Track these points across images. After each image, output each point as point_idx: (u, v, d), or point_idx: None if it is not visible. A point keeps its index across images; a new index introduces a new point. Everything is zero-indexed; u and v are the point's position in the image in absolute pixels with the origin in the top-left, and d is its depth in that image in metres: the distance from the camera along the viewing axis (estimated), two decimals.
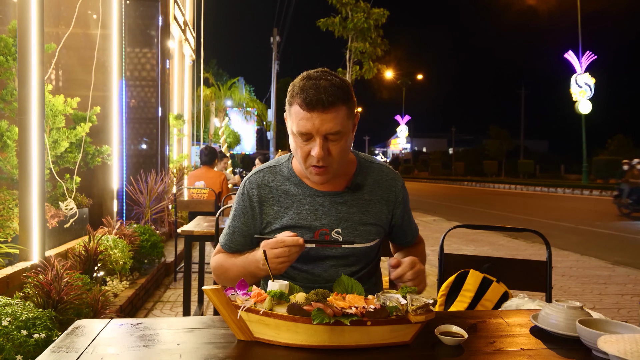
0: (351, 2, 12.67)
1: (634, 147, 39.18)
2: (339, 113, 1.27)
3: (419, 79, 52.75)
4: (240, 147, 27.31)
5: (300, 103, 1.26)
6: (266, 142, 38.36)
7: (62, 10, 5.17)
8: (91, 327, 1.13)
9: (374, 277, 1.57)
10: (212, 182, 5.36)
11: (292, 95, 1.29)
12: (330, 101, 1.25)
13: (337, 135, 1.29)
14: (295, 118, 1.29)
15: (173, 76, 8.86)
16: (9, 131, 3.34)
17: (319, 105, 1.24)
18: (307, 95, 1.25)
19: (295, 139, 1.32)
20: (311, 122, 1.26)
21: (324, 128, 1.26)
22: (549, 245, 1.90)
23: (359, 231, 1.42)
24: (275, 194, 1.44)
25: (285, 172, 1.46)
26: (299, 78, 1.31)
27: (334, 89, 1.26)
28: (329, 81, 1.27)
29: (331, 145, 1.30)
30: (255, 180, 1.46)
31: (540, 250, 6.95)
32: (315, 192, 1.42)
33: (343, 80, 1.30)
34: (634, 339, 0.95)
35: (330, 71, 1.33)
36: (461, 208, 15.33)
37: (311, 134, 1.27)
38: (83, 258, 3.23)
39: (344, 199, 1.43)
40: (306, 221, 1.40)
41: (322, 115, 1.25)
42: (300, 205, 1.41)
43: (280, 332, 1.03)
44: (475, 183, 34.86)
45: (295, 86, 1.29)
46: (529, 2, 56.65)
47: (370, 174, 1.49)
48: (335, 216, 1.41)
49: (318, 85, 1.25)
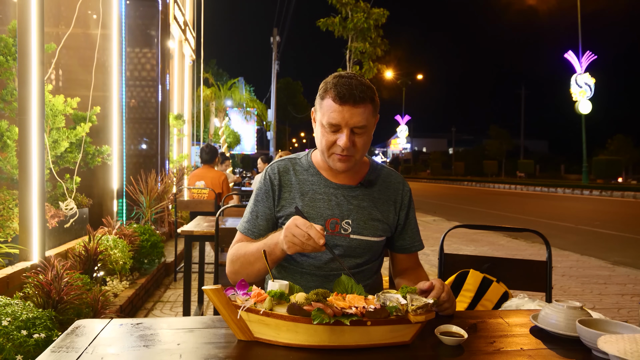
0: (351, 2, 12.66)
1: (634, 147, 39.22)
2: (366, 109, 1.39)
3: (419, 79, 52.74)
4: (240, 147, 27.29)
5: (334, 97, 1.38)
6: (266, 142, 38.39)
7: (62, 10, 5.17)
8: (91, 327, 1.13)
9: (376, 275, 1.60)
10: (213, 181, 5.35)
11: (325, 90, 1.41)
12: (361, 97, 1.37)
13: (363, 129, 1.40)
14: (326, 110, 1.40)
15: (173, 76, 8.86)
16: (9, 131, 3.34)
17: (351, 100, 1.36)
18: (340, 90, 1.36)
19: (324, 130, 1.42)
20: (342, 114, 1.37)
21: (353, 121, 1.38)
22: (549, 245, 1.90)
23: (367, 225, 1.50)
24: (293, 182, 1.54)
25: (304, 164, 1.58)
26: (331, 76, 1.43)
27: (364, 88, 1.38)
28: (360, 81, 1.40)
29: (356, 137, 1.41)
30: (277, 167, 1.57)
31: (540, 250, 6.95)
32: (331, 183, 1.53)
33: (370, 83, 1.44)
34: (634, 339, 0.95)
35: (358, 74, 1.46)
36: (461, 208, 15.33)
37: (340, 126, 1.39)
38: (83, 258, 3.23)
39: (356, 193, 1.53)
40: (319, 209, 1.49)
41: (352, 109, 1.37)
42: (315, 194, 1.51)
43: (280, 332, 1.03)
44: (475, 183, 34.87)
45: (328, 82, 1.41)
46: (529, 2, 56.67)
47: (380, 175, 1.60)
48: (347, 208, 1.50)
49: (350, 83, 1.37)
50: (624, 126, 73.59)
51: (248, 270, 1.44)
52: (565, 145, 78.17)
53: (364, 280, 1.50)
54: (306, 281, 1.47)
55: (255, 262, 1.41)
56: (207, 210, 4.73)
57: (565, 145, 78.17)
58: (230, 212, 4.20)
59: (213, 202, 4.80)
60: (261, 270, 1.42)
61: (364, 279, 1.51)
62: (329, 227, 1.47)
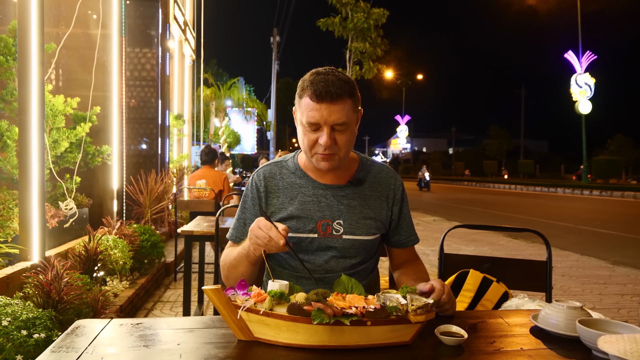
0: (351, 2, 12.66)
1: (633, 147, 39.21)
2: (345, 105, 1.35)
3: (419, 79, 52.67)
4: (240, 147, 27.29)
5: (310, 95, 1.34)
6: (266, 142, 38.36)
7: (62, 10, 5.17)
8: (91, 327, 1.13)
9: (372, 274, 1.58)
10: (214, 181, 5.36)
11: (302, 89, 1.38)
12: (338, 94, 1.33)
13: (343, 126, 1.37)
14: (305, 109, 1.37)
15: (173, 76, 8.86)
16: (9, 131, 3.34)
17: (328, 97, 1.33)
18: (316, 87, 1.33)
19: (304, 129, 1.39)
20: (320, 112, 1.34)
21: (332, 119, 1.34)
22: (549, 245, 1.90)
23: (359, 224, 1.47)
24: (280, 186, 1.51)
25: (291, 166, 1.55)
26: (309, 74, 1.40)
27: (341, 83, 1.35)
28: (337, 76, 1.36)
29: (337, 135, 1.38)
30: (262, 173, 1.55)
31: (540, 250, 6.95)
32: (319, 184, 1.49)
33: (349, 77, 1.40)
34: (634, 339, 0.95)
35: (336, 69, 1.42)
36: (461, 208, 15.33)
37: (319, 124, 1.35)
38: (83, 258, 3.23)
39: (346, 192, 1.49)
40: (309, 212, 1.46)
41: (330, 107, 1.34)
42: (304, 196, 1.48)
43: (280, 332, 1.03)
44: (475, 183, 34.86)
45: (305, 80, 1.38)
46: (529, 2, 56.66)
47: (370, 171, 1.56)
48: (337, 208, 1.47)
49: (327, 80, 1.34)
50: (624, 126, 73.60)
51: (234, 274, 1.44)
52: (565, 145, 78.20)
53: (360, 280, 1.48)
54: (302, 285, 1.45)
55: (238, 265, 1.42)
56: (207, 210, 4.73)
57: (565, 145, 78.20)
58: (231, 212, 4.20)
59: (213, 202, 4.80)
60: (245, 274, 1.42)
61: (360, 279, 1.48)
62: (321, 229, 1.45)
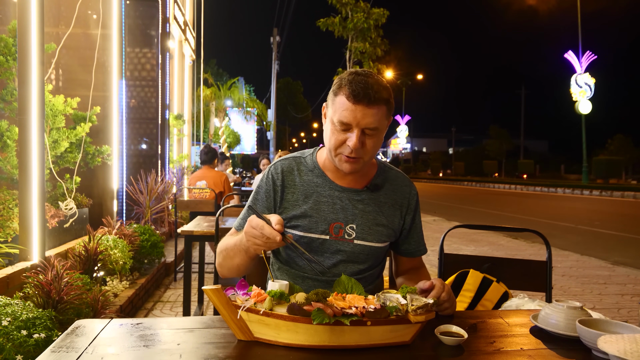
0: (351, 2, 12.68)
1: (633, 147, 39.20)
2: (380, 110, 1.33)
3: (419, 79, 52.62)
4: (240, 147, 27.29)
5: (348, 95, 1.31)
6: (266, 142, 38.36)
7: (62, 10, 5.17)
8: (91, 327, 1.12)
9: (378, 280, 1.57)
10: (214, 181, 5.37)
11: (339, 87, 1.34)
12: (376, 98, 1.31)
13: (374, 131, 1.35)
14: (338, 108, 1.34)
15: (173, 76, 8.86)
16: (9, 131, 3.34)
17: (365, 100, 1.30)
18: (354, 88, 1.30)
19: (334, 127, 1.36)
20: (354, 114, 1.31)
21: (365, 122, 1.32)
22: (549, 245, 1.90)
23: (372, 230, 1.45)
24: (297, 182, 1.48)
25: (309, 164, 1.51)
26: (347, 72, 1.37)
27: (379, 88, 1.32)
28: (376, 80, 1.34)
29: (367, 139, 1.35)
30: (280, 166, 1.51)
31: (540, 250, 6.95)
32: (336, 186, 1.47)
33: (387, 83, 1.38)
34: (634, 339, 0.95)
35: (375, 73, 1.40)
36: (461, 208, 15.33)
37: (351, 125, 1.33)
38: (83, 258, 3.23)
39: (362, 197, 1.47)
40: (323, 212, 1.44)
41: (365, 110, 1.31)
42: (319, 196, 1.46)
43: (280, 332, 1.03)
44: (475, 183, 34.86)
45: (343, 79, 1.35)
46: (529, 2, 56.67)
47: (388, 178, 1.54)
48: (352, 212, 1.45)
49: (366, 82, 1.31)
50: (624, 126, 73.57)
51: (229, 263, 1.40)
52: (565, 145, 78.20)
53: (365, 286, 1.47)
54: (307, 286, 1.44)
55: (234, 256, 1.37)
56: (207, 210, 4.73)
57: (565, 145, 78.20)
58: (231, 212, 4.20)
59: (213, 202, 4.80)
60: (241, 266, 1.38)
61: (366, 285, 1.47)
62: (333, 232, 1.43)
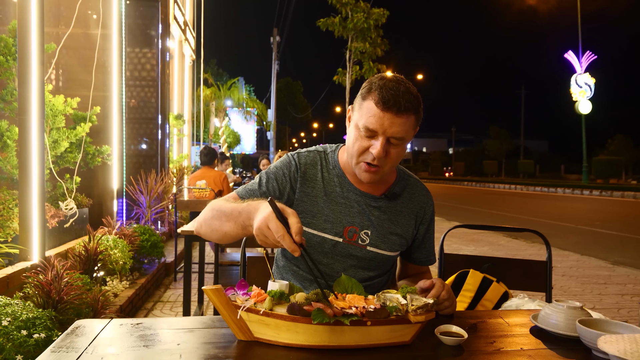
0: (351, 2, 12.68)
1: (633, 147, 39.20)
2: (408, 120, 1.28)
3: (419, 78, 52.61)
4: (240, 147, 27.33)
5: (377, 101, 1.26)
6: (266, 142, 38.37)
7: (62, 10, 5.18)
8: (91, 327, 1.12)
9: (386, 287, 1.55)
10: (213, 181, 5.38)
11: (369, 91, 1.30)
12: (406, 107, 1.26)
13: (400, 140, 1.30)
14: (365, 113, 1.29)
15: (173, 76, 8.86)
16: (9, 131, 3.34)
17: (394, 108, 1.25)
18: (385, 95, 1.25)
19: (358, 132, 1.31)
20: (381, 121, 1.26)
21: (391, 130, 1.27)
22: (549, 245, 1.90)
23: (386, 238, 1.43)
24: (318, 178, 1.44)
25: (330, 161, 1.47)
26: (378, 77, 1.32)
27: (410, 97, 1.27)
28: (407, 88, 1.28)
29: (391, 148, 1.31)
30: (305, 158, 1.46)
31: (540, 250, 6.95)
32: (355, 189, 1.43)
33: (417, 92, 1.32)
34: (634, 339, 0.95)
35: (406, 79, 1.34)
36: (461, 208, 15.33)
37: (377, 132, 1.28)
38: (83, 258, 3.23)
39: (379, 204, 1.44)
40: (340, 214, 1.40)
41: (393, 118, 1.26)
42: (337, 197, 1.42)
43: (280, 332, 1.03)
44: (475, 183, 34.86)
45: (374, 83, 1.30)
46: (529, 2, 56.66)
47: (406, 187, 1.51)
48: (367, 218, 1.42)
49: (397, 89, 1.26)
50: (624, 126, 73.57)
51: (217, 225, 1.26)
52: (565, 145, 78.29)
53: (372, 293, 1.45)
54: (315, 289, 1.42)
55: (226, 222, 1.22)
56: None
57: (565, 145, 78.29)
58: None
59: None
60: (227, 235, 1.24)
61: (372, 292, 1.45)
62: (347, 235, 1.40)
